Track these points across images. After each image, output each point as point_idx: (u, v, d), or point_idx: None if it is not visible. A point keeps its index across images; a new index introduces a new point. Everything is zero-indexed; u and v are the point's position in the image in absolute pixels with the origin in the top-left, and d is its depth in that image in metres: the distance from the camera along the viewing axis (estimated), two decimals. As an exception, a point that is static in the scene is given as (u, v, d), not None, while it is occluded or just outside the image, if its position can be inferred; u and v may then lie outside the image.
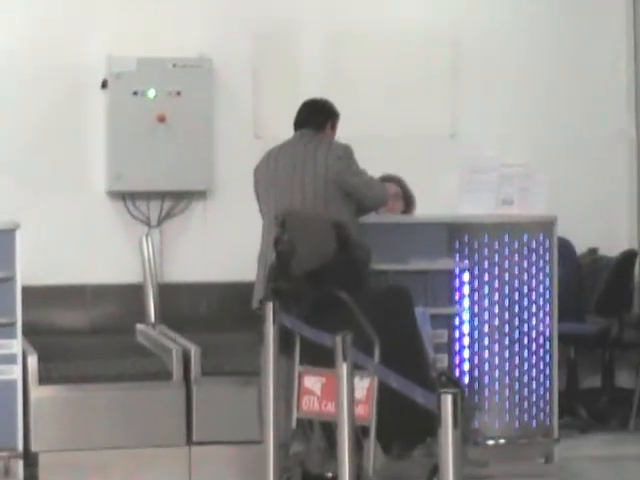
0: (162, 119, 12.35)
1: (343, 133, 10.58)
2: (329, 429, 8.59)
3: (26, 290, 10.16)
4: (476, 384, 10.39)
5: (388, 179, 11.02)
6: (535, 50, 13.38)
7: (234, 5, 13.33)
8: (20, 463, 10.22)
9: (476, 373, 10.41)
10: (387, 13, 12.87)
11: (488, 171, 10.74)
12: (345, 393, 7.16)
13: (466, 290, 10.56)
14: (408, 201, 11.28)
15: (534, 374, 10.65)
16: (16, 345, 10.10)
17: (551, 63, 13.32)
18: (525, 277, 10.76)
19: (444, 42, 12.93)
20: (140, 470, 10.35)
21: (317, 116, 10.46)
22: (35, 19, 13.11)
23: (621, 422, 11.79)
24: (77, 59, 12.89)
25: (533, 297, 10.77)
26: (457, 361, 10.39)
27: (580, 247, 12.76)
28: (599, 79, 13.81)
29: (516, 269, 10.60)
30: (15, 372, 10.09)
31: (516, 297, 10.72)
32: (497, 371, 10.58)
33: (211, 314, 12.40)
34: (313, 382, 9.15)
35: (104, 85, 12.40)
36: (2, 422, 10.04)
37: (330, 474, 8.81)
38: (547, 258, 10.71)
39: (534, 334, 10.67)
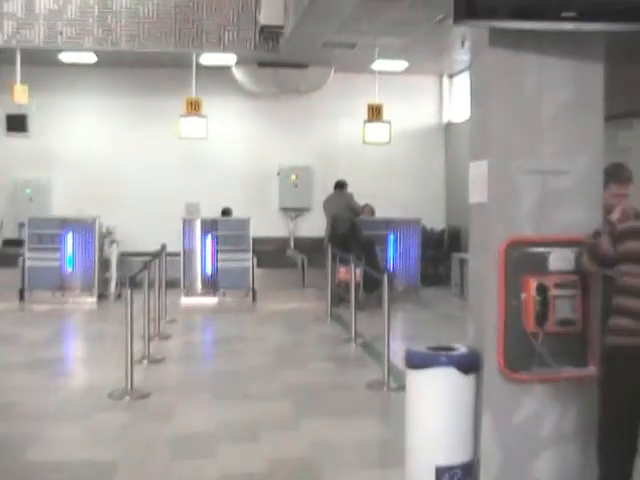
0: (296, 185, 16.93)
1: (354, 190, 14.56)
2: (348, 284, 11.63)
3: (254, 239, 14.37)
4: (393, 272, 13.76)
5: (367, 205, 14.76)
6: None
7: (321, 140, 16.82)
8: (250, 293, 13.95)
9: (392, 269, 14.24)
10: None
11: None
12: (352, 273, 11.02)
13: (391, 241, 14.43)
14: (373, 212, 15.06)
15: (412, 267, 14.27)
16: (249, 255, 14.13)
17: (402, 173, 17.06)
18: (410, 240, 14.27)
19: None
20: (285, 292, 13.86)
21: (342, 184, 14.40)
22: (248, 144, 16.67)
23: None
24: (269, 163, 16.92)
25: (410, 247, 14.12)
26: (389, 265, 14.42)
27: (427, 226, 16.13)
28: (430, 182, 17.49)
29: (407, 236, 14.33)
30: (248, 262, 14.08)
31: (401, 248, 14.09)
32: (398, 268, 14.26)
33: (311, 246, 15.47)
34: (343, 270, 12.63)
35: (278, 174, 16.79)
36: (244, 278, 13.82)
37: (348, 299, 11.15)
38: (417, 232, 14.57)
39: (412, 256, 14.32)
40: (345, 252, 11.88)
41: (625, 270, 4.43)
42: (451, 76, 17.42)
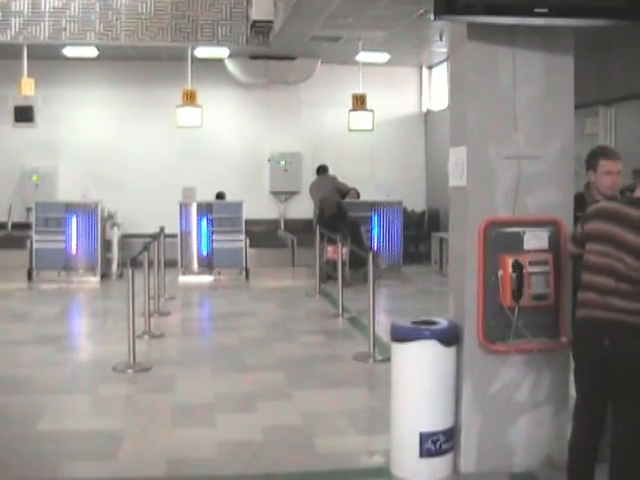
0: (286, 170, 16.65)
1: (341, 174, 14.70)
2: (335, 262, 11.83)
3: (246, 221, 14.35)
4: (377, 251, 13.78)
5: (353, 188, 14.82)
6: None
7: (309, 127, 16.78)
8: (244, 272, 13.88)
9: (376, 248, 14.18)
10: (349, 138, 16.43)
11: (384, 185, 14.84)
12: (340, 252, 11.01)
13: (375, 222, 14.42)
14: (358, 195, 15.06)
15: (394, 246, 14.22)
16: (242, 236, 14.17)
17: (385, 158, 17.00)
18: (392, 221, 14.07)
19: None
20: (276, 270, 13.71)
21: (325, 168, 14.54)
22: (240, 132, 16.67)
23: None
24: (260, 150, 16.80)
25: (393, 228, 13.97)
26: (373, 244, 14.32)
27: (408, 208, 16.27)
28: (411, 167, 17.55)
29: (390, 217, 14.26)
30: (242, 242, 14.09)
31: (385, 228, 14.02)
32: (381, 247, 14.21)
33: (300, 227, 15.52)
34: (331, 249, 12.60)
35: (269, 160, 16.73)
36: (237, 257, 13.68)
37: (335, 276, 11.39)
38: (399, 213, 14.52)
39: (394, 235, 14.24)
40: (332, 232, 11.93)
41: (589, 248, 4.39)
42: (430, 67, 17.39)
